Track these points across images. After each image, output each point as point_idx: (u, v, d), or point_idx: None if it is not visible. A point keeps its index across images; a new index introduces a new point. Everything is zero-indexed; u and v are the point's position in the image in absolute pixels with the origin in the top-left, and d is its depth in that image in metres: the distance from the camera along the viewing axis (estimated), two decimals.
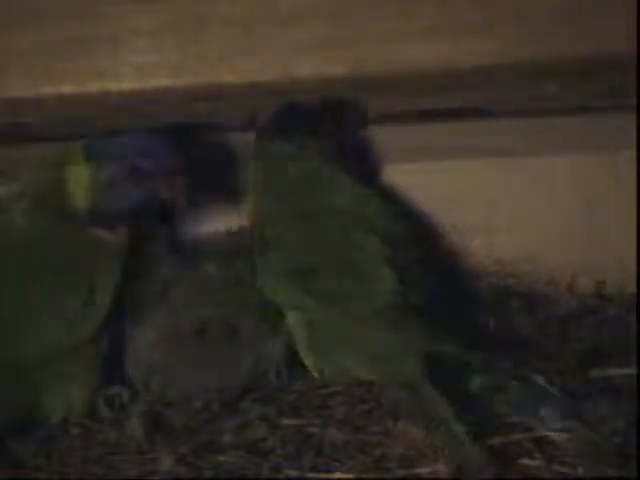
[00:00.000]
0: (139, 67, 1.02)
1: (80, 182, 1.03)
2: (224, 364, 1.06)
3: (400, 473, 0.90)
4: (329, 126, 1.10)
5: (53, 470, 0.98)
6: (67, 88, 1.04)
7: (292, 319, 1.04)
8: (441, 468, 0.90)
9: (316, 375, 1.03)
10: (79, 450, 1.01)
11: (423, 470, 0.90)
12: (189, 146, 1.09)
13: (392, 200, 1.13)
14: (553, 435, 0.93)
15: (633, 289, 1.15)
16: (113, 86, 1.03)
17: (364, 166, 1.15)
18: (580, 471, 0.88)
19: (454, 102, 1.09)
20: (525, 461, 0.90)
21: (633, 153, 1.13)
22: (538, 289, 1.20)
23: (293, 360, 1.05)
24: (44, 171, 1.07)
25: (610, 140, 1.12)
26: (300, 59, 1.00)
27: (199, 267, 1.10)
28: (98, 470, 0.97)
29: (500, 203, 1.19)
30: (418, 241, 1.08)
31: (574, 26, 0.95)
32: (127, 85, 1.03)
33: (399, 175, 1.19)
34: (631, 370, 1.02)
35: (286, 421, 0.99)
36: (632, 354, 1.04)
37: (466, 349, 0.96)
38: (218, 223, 1.18)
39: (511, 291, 1.20)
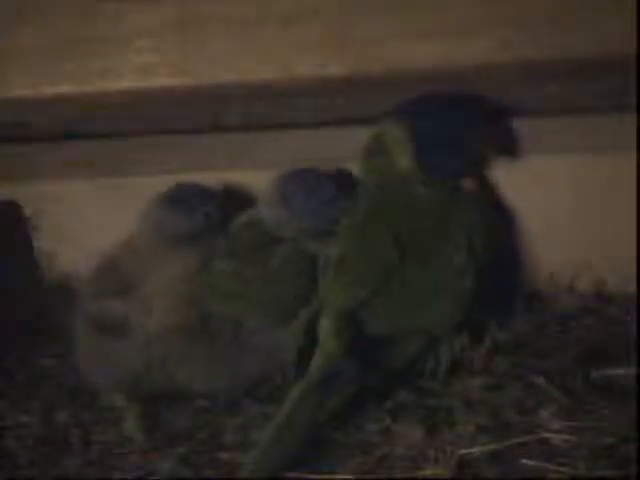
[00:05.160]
0: (139, 67, 1.02)
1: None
2: (229, 361, 1.06)
3: (401, 474, 0.90)
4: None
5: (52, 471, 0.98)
6: (67, 88, 1.04)
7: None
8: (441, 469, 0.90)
9: None
10: (78, 450, 1.01)
11: (424, 471, 0.90)
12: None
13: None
14: (553, 435, 0.93)
15: (633, 289, 1.15)
16: (113, 86, 1.03)
17: None
18: (580, 471, 0.88)
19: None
20: (525, 461, 0.90)
21: (633, 153, 1.13)
22: (538, 289, 1.20)
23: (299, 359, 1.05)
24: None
25: (610, 140, 1.12)
26: (300, 59, 1.00)
27: (212, 263, 1.10)
28: (98, 470, 0.97)
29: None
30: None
31: (574, 26, 0.95)
32: (127, 85, 1.03)
33: None
34: (631, 370, 1.02)
35: None
36: (632, 354, 1.04)
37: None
38: None
39: None
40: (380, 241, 1.05)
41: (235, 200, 1.20)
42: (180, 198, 1.14)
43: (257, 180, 1.22)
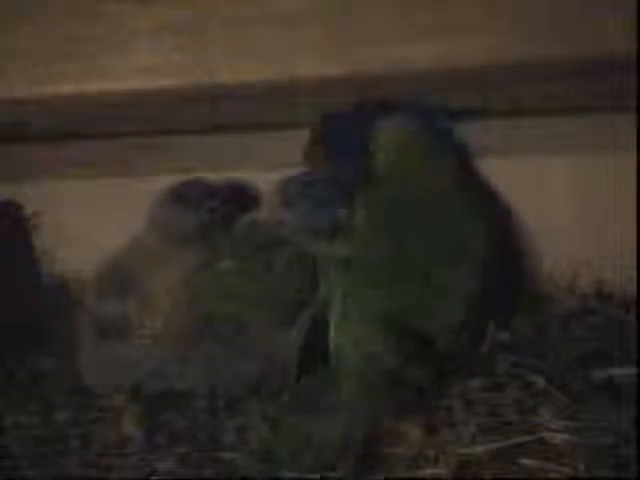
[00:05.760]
0: (139, 67, 1.02)
1: None
2: (229, 361, 1.06)
3: (401, 474, 0.90)
4: None
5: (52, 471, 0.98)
6: (67, 88, 1.04)
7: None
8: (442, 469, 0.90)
9: None
10: (78, 450, 1.01)
11: (424, 471, 0.90)
12: None
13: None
14: (553, 435, 0.93)
15: (633, 289, 1.15)
16: (113, 86, 1.03)
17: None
18: (580, 471, 0.88)
19: (454, 102, 1.09)
20: (525, 461, 0.90)
21: (633, 153, 1.13)
22: (538, 289, 1.20)
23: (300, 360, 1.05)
24: None
25: (610, 140, 1.12)
26: (300, 59, 1.00)
27: (215, 263, 1.10)
28: (98, 470, 0.97)
29: None
30: None
31: (574, 26, 0.95)
32: (127, 85, 1.03)
33: None
34: (631, 370, 1.02)
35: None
36: (632, 354, 1.04)
37: None
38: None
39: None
40: (382, 242, 1.05)
41: (236, 200, 1.20)
42: (184, 194, 1.14)
43: (257, 180, 1.22)
